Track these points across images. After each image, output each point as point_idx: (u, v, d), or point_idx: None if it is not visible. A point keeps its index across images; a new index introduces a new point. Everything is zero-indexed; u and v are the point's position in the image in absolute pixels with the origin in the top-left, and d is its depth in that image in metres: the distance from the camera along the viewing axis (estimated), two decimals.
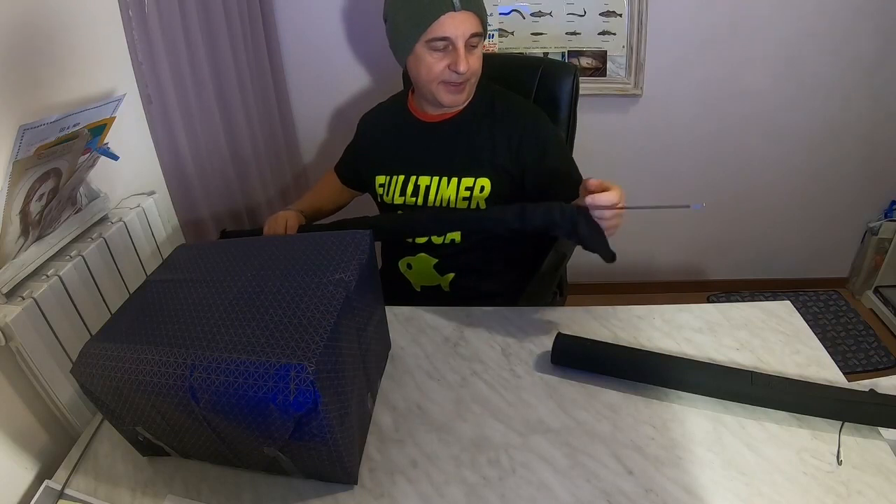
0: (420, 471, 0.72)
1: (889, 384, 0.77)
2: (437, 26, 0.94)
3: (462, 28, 0.95)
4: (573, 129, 1.27)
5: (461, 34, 0.95)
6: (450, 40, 0.95)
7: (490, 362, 0.89)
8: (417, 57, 0.99)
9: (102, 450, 0.79)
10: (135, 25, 1.14)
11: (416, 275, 1.16)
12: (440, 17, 0.93)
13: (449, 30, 0.94)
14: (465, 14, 0.95)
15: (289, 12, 1.74)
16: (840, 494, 0.65)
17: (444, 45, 0.96)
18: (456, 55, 0.96)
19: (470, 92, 1.05)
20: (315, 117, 1.93)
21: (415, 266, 1.15)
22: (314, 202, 1.25)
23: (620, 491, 0.68)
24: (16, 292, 0.83)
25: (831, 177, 1.93)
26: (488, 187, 1.05)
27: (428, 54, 0.98)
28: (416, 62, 0.99)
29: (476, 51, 1.00)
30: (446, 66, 0.98)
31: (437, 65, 0.98)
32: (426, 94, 1.05)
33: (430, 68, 0.98)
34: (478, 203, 1.05)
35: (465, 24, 0.95)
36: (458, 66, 0.96)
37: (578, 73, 1.23)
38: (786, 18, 1.65)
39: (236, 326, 0.64)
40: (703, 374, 0.79)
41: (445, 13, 0.93)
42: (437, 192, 1.07)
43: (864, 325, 1.98)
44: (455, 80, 0.99)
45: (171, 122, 1.26)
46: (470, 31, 0.96)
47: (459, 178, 1.06)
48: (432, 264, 1.13)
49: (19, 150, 0.74)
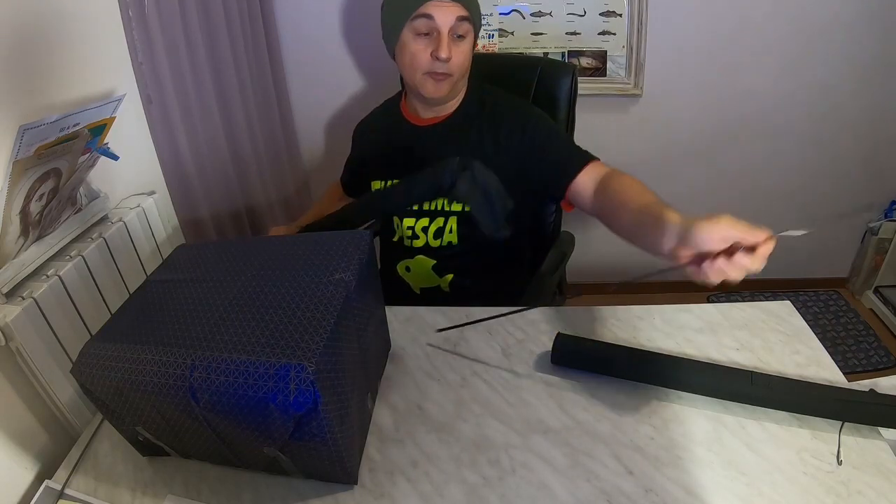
0: (420, 471, 0.72)
1: (889, 384, 0.77)
2: (422, 7, 0.95)
3: (447, 15, 0.95)
4: (572, 128, 1.27)
5: (445, 21, 0.95)
6: (434, 22, 0.95)
7: (490, 362, 0.89)
8: (403, 45, 0.99)
9: (102, 450, 0.79)
10: (135, 25, 1.14)
11: (414, 277, 1.16)
12: (428, 2, 0.94)
13: (434, 10, 0.95)
14: (453, 5, 0.95)
15: (289, 11, 1.74)
16: (840, 494, 0.65)
17: (427, 28, 0.96)
18: (439, 40, 0.96)
19: (453, 89, 1.04)
20: (315, 118, 1.93)
21: (413, 269, 1.15)
22: (319, 214, 1.25)
23: (620, 491, 0.68)
24: (16, 292, 0.83)
25: (831, 177, 1.93)
26: None
27: (413, 41, 0.98)
28: (402, 51, 1.00)
29: (462, 45, 0.99)
30: (430, 55, 0.97)
31: (421, 53, 0.98)
32: (412, 87, 1.05)
33: (413, 56, 0.98)
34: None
35: (451, 14, 0.95)
36: (439, 52, 0.96)
37: (577, 73, 1.22)
38: (786, 18, 1.65)
39: (236, 326, 0.64)
40: (703, 374, 0.79)
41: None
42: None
43: (864, 325, 1.98)
44: (438, 69, 0.99)
45: (171, 122, 1.26)
46: (455, 15, 0.96)
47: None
48: (430, 266, 1.13)
49: (19, 150, 0.74)
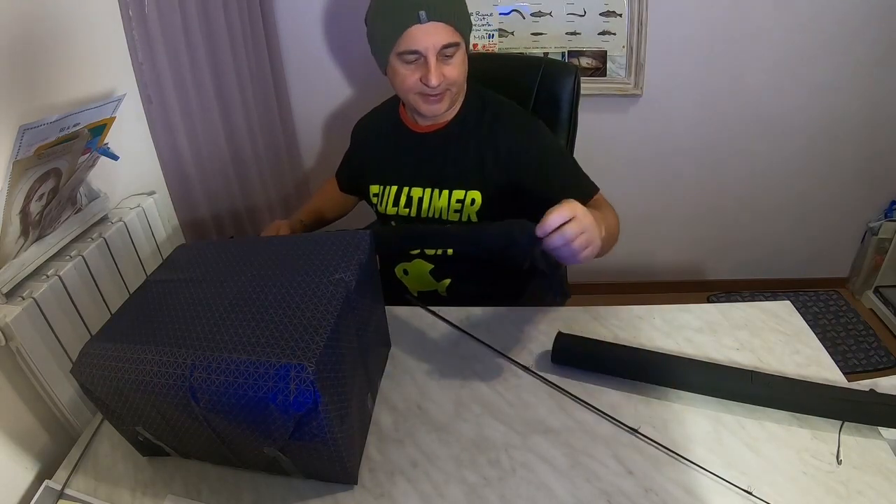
0: (420, 471, 0.72)
1: (889, 384, 0.77)
2: (405, 39, 0.92)
3: (432, 40, 0.92)
4: (574, 129, 1.25)
5: (431, 46, 0.92)
6: (420, 53, 0.93)
7: (490, 362, 0.89)
8: (393, 69, 0.97)
9: (102, 450, 0.79)
10: (135, 25, 1.14)
11: (412, 280, 1.16)
12: (408, 30, 0.91)
13: (418, 42, 0.92)
14: (434, 25, 0.91)
15: (289, 11, 1.73)
16: (840, 494, 0.65)
17: (414, 58, 0.94)
18: (426, 67, 0.94)
19: (452, 101, 1.02)
20: (315, 118, 1.93)
21: (411, 272, 1.15)
22: (315, 209, 1.25)
23: (620, 491, 0.68)
24: (16, 292, 0.83)
25: (831, 177, 1.93)
26: (479, 200, 1.03)
27: (401, 67, 0.96)
28: (392, 74, 0.98)
29: (453, 60, 0.96)
30: (418, 79, 0.95)
31: (409, 77, 0.96)
32: (407, 105, 1.05)
33: (403, 80, 0.97)
34: (469, 216, 1.04)
35: (436, 36, 0.92)
36: (428, 80, 0.93)
37: (580, 73, 1.21)
38: (786, 19, 1.65)
39: (236, 326, 0.64)
40: (703, 374, 0.79)
41: (412, 26, 0.90)
42: (430, 204, 1.06)
43: (864, 325, 1.98)
44: (429, 92, 0.97)
45: (171, 122, 1.26)
46: (441, 42, 0.92)
47: (451, 191, 1.05)
48: (427, 270, 1.13)
49: (19, 150, 0.74)
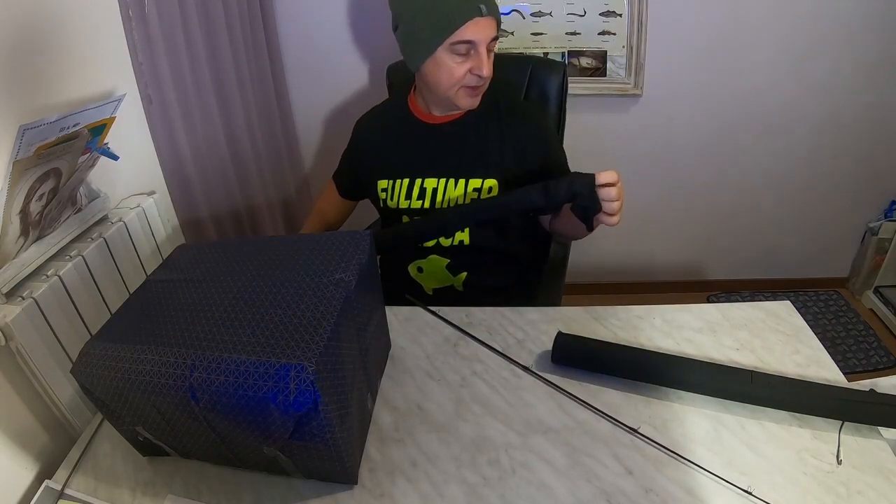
0: (420, 471, 0.72)
1: (889, 384, 0.77)
2: (463, 31, 0.94)
3: (486, 33, 0.95)
4: (563, 125, 1.32)
5: (484, 39, 0.95)
6: (474, 44, 0.95)
7: (490, 362, 0.89)
8: (437, 61, 0.98)
9: (102, 450, 0.79)
10: (135, 25, 1.14)
11: (427, 278, 1.15)
12: (469, 21, 0.93)
13: (475, 34, 0.94)
14: (489, 20, 0.95)
15: (289, 11, 1.74)
16: (840, 494, 0.65)
17: (466, 49, 0.96)
18: (479, 59, 0.96)
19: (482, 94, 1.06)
20: (315, 118, 1.93)
21: (426, 269, 1.14)
22: (320, 220, 1.26)
23: (620, 491, 0.68)
24: (16, 292, 0.83)
25: (831, 177, 1.93)
26: (496, 188, 1.05)
27: (450, 58, 0.97)
28: (436, 66, 0.99)
29: (492, 55, 1.01)
30: (468, 70, 0.98)
31: (458, 69, 0.98)
32: (441, 99, 1.05)
33: (451, 72, 0.98)
34: None
35: (489, 30, 0.96)
36: (481, 71, 0.97)
37: (567, 71, 1.28)
38: (786, 18, 1.65)
39: (236, 326, 0.64)
40: (703, 374, 0.79)
41: (473, 18, 0.93)
42: (444, 194, 1.07)
43: (864, 325, 1.98)
44: (476, 84, 1.00)
45: (171, 122, 1.26)
46: (492, 35, 0.97)
47: (467, 180, 1.06)
48: (444, 265, 1.12)
49: (19, 150, 0.74)
